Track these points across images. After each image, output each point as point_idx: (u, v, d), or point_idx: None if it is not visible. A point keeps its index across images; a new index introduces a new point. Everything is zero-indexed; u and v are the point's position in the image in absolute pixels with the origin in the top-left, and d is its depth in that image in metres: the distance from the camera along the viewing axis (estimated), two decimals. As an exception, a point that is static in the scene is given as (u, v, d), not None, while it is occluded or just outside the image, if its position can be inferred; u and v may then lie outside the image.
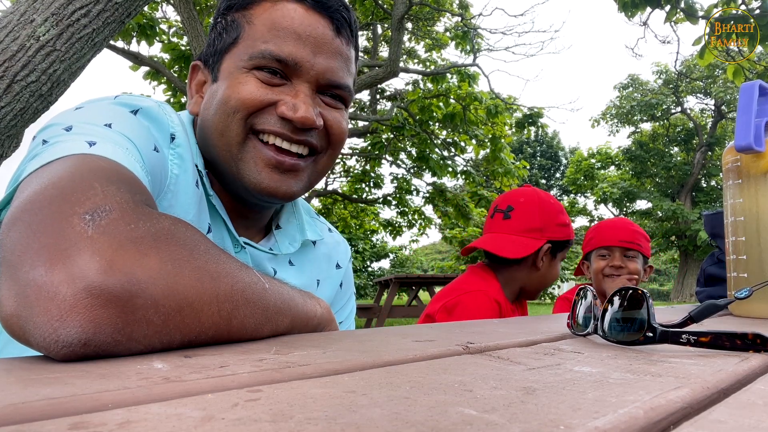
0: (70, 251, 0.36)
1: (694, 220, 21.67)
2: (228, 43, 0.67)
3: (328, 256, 0.88)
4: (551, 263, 1.49)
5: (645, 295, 0.47)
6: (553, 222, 1.47)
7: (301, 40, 0.64)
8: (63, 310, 0.34)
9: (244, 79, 0.64)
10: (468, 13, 9.69)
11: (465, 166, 10.35)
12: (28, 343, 0.35)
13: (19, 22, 1.98)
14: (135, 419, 0.22)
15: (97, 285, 0.35)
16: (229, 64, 0.66)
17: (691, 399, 0.28)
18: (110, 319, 0.35)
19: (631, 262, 1.75)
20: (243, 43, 0.65)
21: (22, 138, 2.24)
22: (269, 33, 0.64)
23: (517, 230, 1.45)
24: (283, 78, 0.65)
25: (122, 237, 0.38)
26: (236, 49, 0.66)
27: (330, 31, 0.66)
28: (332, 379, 0.31)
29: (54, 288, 0.35)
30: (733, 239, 0.85)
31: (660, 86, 24.57)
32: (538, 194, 1.50)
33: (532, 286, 1.50)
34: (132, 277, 0.36)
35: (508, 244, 1.43)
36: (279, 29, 0.64)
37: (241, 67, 0.65)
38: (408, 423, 0.22)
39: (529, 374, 0.33)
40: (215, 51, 0.69)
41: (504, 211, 1.50)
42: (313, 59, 0.64)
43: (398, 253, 24.21)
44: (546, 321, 0.72)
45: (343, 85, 0.68)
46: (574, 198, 29.12)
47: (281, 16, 0.64)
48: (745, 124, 0.82)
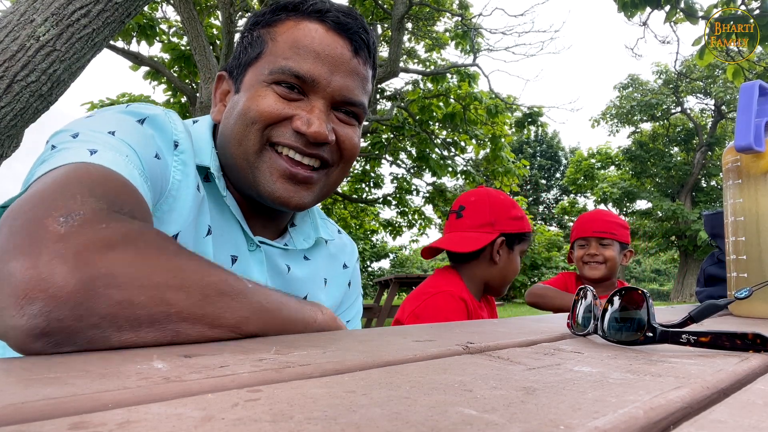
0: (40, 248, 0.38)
1: (694, 220, 21.66)
2: (252, 57, 0.71)
3: (335, 257, 0.91)
4: (509, 256, 1.53)
5: (645, 295, 0.47)
6: (505, 216, 1.52)
7: (320, 59, 0.68)
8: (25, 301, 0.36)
9: (264, 93, 0.68)
10: (468, 13, 9.69)
11: (465, 166, 10.35)
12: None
13: (19, 22, 1.98)
14: (135, 419, 0.22)
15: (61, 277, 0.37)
16: (251, 77, 0.70)
17: (691, 399, 0.28)
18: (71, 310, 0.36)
19: (607, 250, 1.96)
20: (266, 58, 0.69)
21: (22, 138, 2.24)
22: (290, 50, 0.68)
23: (470, 227, 1.51)
24: (301, 93, 0.68)
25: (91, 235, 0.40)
26: (259, 63, 0.70)
27: (348, 51, 0.70)
28: (332, 379, 0.31)
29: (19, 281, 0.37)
30: (733, 239, 0.85)
31: (660, 86, 24.56)
32: (488, 192, 1.57)
33: (495, 281, 1.54)
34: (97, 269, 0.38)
35: (461, 240, 1.49)
36: (300, 47, 0.68)
37: (261, 80, 0.68)
38: (408, 423, 0.22)
39: (529, 374, 0.33)
40: (240, 63, 0.73)
41: (456, 211, 1.56)
42: (330, 77, 0.68)
43: (398, 253, 24.23)
44: (546, 321, 0.72)
45: (357, 102, 0.71)
46: (574, 198, 29.13)
47: (303, 35, 0.68)
48: (745, 124, 0.82)
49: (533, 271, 16.90)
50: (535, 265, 16.83)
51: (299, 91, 0.68)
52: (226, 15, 6.44)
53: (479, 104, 9.23)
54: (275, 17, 0.71)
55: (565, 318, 0.59)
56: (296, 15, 0.70)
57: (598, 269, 1.96)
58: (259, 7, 8.13)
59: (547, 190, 39.57)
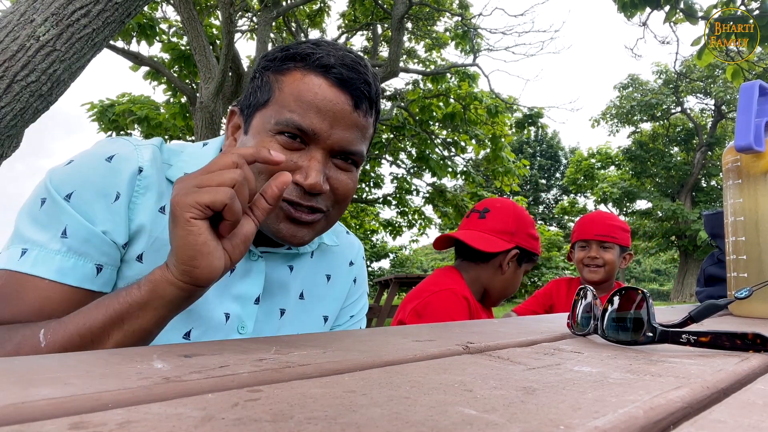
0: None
1: (694, 220, 21.65)
2: (261, 102, 0.76)
3: (342, 254, 0.97)
4: (516, 271, 1.55)
5: (645, 295, 0.47)
6: (525, 231, 1.54)
7: (321, 114, 0.72)
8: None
9: (268, 143, 0.73)
10: (468, 13, 9.69)
11: (465, 167, 10.35)
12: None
13: (19, 22, 1.98)
14: (135, 419, 0.22)
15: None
16: (258, 122, 0.75)
17: (691, 399, 0.28)
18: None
19: (607, 253, 1.98)
20: (272, 106, 0.74)
21: (22, 138, 2.24)
22: (295, 103, 0.73)
23: (491, 230, 1.53)
24: (302, 143, 0.73)
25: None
26: (266, 110, 0.75)
27: (349, 106, 0.74)
28: (332, 379, 0.31)
29: None
30: (733, 239, 0.85)
31: (660, 86, 24.54)
32: (515, 204, 1.59)
33: (495, 290, 1.55)
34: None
35: (480, 239, 1.50)
36: (303, 101, 0.72)
37: (267, 129, 0.73)
38: (408, 423, 0.22)
39: (529, 374, 0.33)
40: (249, 104, 0.78)
41: (480, 211, 1.58)
42: (330, 131, 0.73)
43: (398, 253, 24.23)
44: (546, 321, 0.72)
45: (355, 152, 0.76)
46: (574, 198, 29.11)
47: (307, 89, 0.73)
48: (745, 124, 0.82)
49: (533, 271, 16.89)
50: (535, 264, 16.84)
51: (301, 140, 0.73)
52: (226, 15, 6.44)
53: (479, 104, 9.23)
54: (284, 66, 0.76)
55: (565, 318, 0.59)
56: (303, 67, 0.75)
57: (597, 272, 1.98)
58: (258, 7, 8.13)
59: (547, 190, 39.56)
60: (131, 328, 0.57)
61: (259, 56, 0.80)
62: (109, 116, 8.44)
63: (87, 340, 0.57)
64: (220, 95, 6.47)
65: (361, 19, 10.36)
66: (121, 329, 0.57)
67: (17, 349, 0.58)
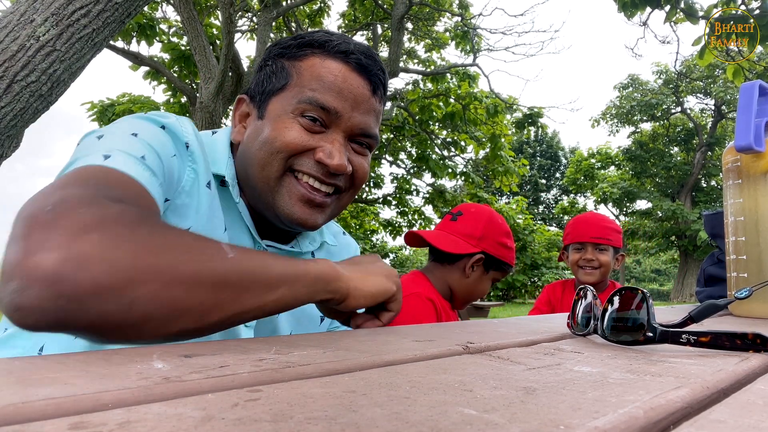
0: (28, 236, 0.43)
1: (694, 220, 21.64)
2: (277, 88, 0.77)
3: (339, 256, 0.97)
4: (482, 277, 1.56)
5: (645, 295, 0.47)
6: (495, 238, 1.55)
7: (342, 95, 0.75)
8: (7, 279, 0.42)
9: (290, 125, 0.74)
10: (468, 13, 9.69)
11: (464, 167, 10.35)
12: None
13: (19, 22, 1.98)
14: (135, 419, 0.22)
15: (37, 260, 0.41)
16: (276, 106, 0.76)
17: (691, 399, 0.28)
18: (41, 290, 0.41)
19: (602, 255, 2.01)
20: (291, 89, 0.75)
21: (22, 138, 2.24)
22: (316, 83, 0.74)
23: (459, 232, 1.55)
24: (322, 126, 0.75)
25: (70, 220, 0.44)
26: (284, 94, 0.76)
27: (368, 90, 0.77)
28: (332, 379, 0.31)
29: (6, 264, 0.43)
30: (733, 239, 0.85)
31: (660, 86, 24.53)
32: (491, 212, 1.60)
33: (459, 293, 1.57)
34: (68, 253, 0.42)
35: (445, 240, 1.53)
36: (325, 82, 0.74)
37: (288, 111, 0.74)
38: (408, 423, 0.22)
39: (529, 374, 0.33)
40: (263, 91, 0.78)
41: (454, 214, 1.60)
42: (351, 113, 0.75)
43: (398, 253, 24.23)
44: (546, 321, 0.72)
45: (372, 135, 0.79)
46: (574, 198, 29.11)
47: (328, 72, 0.75)
48: (745, 124, 0.82)
49: (533, 271, 16.90)
50: (535, 265, 16.82)
51: (321, 123, 0.75)
52: (226, 15, 6.44)
53: (479, 104, 9.23)
54: (301, 52, 0.77)
55: (565, 318, 0.59)
56: (321, 52, 0.76)
57: (593, 274, 2.01)
58: (258, 7, 8.13)
59: (547, 190, 39.56)
60: (282, 295, 0.53)
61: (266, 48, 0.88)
62: (108, 116, 8.45)
63: (256, 280, 0.51)
64: (220, 95, 6.48)
65: (361, 19, 10.36)
66: (277, 291, 0.52)
67: (200, 254, 0.48)
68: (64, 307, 0.41)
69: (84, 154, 0.60)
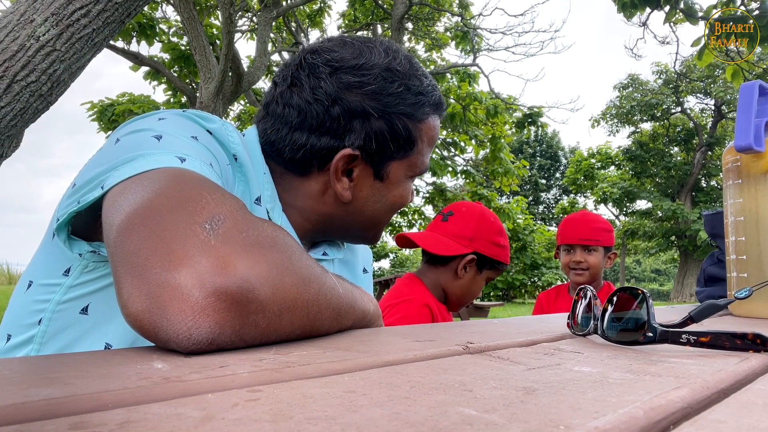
0: (197, 258, 0.40)
1: (694, 220, 21.64)
2: (402, 154, 0.76)
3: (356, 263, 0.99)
4: (475, 277, 1.52)
5: (645, 295, 0.47)
6: (486, 237, 1.50)
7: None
8: (195, 312, 0.38)
9: (409, 187, 0.81)
10: (468, 13, 9.69)
11: (465, 166, 10.35)
12: (156, 338, 0.39)
13: (19, 22, 1.97)
14: (135, 419, 0.22)
15: (222, 290, 0.39)
16: (397, 171, 0.77)
17: (691, 399, 0.28)
18: (231, 321, 0.39)
19: (591, 256, 2.04)
20: (415, 157, 0.77)
21: (22, 138, 2.24)
22: (428, 148, 0.78)
23: (450, 233, 1.51)
24: None
25: (237, 245, 0.42)
26: (408, 160, 0.77)
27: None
28: (332, 379, 0.31)
29: (187, 291, 0.39)
30: (733, 239, 0.85)
31: (660, 86, 24.52)
32: (482, 210, 1.55)
33: (453, 295, 1.54)
34: (247, 283, 0.41)
35: (436, 242, 1.49)
36: (431, 144, 0.79)
37: (408, 176, 0.79)
38: (408, 423, 0.22)
39: (529, 374, 0.33)
40: (384, 154, 0.74)
41: (445, 214, 1.57)
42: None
43: (398, 253, 24.23)
44: (546, 321, 0.72)
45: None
46: (574, 198, 29.09)
47: (435, 134, 0.79)
48: (745, 124, 0.82)
49: (533, 271, 16.89)
50: (535, 265, 16.81)
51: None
52: (226, 15, 6.44)
53: (479, 104, 9.23)
54: (424, 114, 0.76)
55: (565, 318, 0.59)
56: (434, 112, 0.78)
57: (583, 275, 2.03)
58: (258, 7, 8.13)
59: (547, 190, 39.53)
60: (346, 324, 0.55)
61: (385, 93, 0.72)
62: (108, 116, 8.45)
63: (350, 312, 0.55)
64: (220, 95, 6.47)
65: (361, 19, 10.36)
66: (349, 322, 0.55)
67: (326, 286, 0.50)
68: (246, 331, 0.40)
69: (149, 152, 0.53)
